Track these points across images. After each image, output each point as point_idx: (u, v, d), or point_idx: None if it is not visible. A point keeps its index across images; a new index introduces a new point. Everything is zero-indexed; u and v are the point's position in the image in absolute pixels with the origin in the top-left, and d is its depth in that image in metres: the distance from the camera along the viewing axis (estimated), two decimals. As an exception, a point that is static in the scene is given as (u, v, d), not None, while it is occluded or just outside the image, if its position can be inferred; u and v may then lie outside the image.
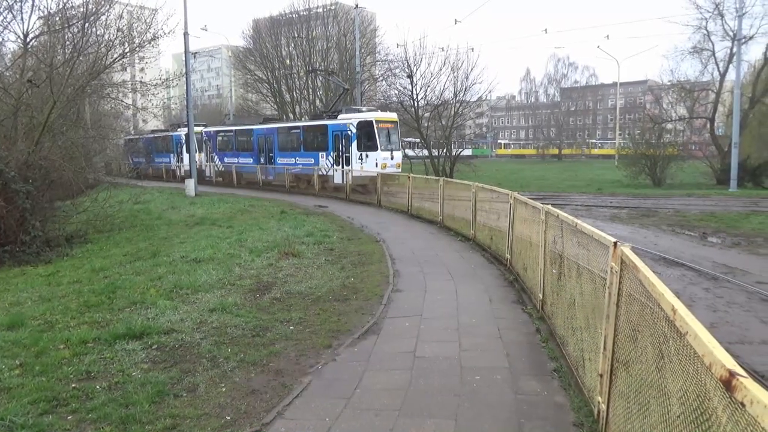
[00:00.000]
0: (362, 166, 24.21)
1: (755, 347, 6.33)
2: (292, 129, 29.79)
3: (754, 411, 1.62)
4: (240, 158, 32.89)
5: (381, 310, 7.64)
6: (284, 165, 28.91)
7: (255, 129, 31.81)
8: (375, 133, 24.46)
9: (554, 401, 4.86)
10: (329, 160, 26.05)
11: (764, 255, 11.08)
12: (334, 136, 25.74)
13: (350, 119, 25.08)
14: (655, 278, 3.15)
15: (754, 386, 1.69)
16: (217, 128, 36.44)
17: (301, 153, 28.12)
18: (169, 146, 41.58)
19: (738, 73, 28.66)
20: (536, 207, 7.51)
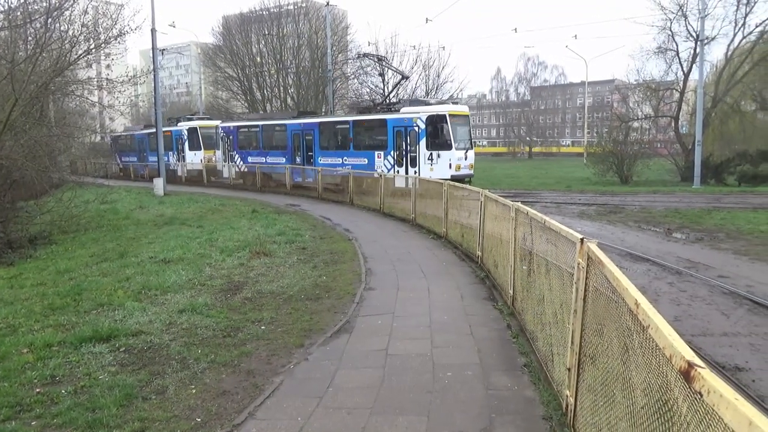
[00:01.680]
0: (432, 167, 21.04)
1: (716, 339, 6.52)
2: (338, 124, 25.60)
3: (711, 400, 1.68)
4: (269, 157, 28.17)
5: (353, 308, 7.63)
6: (327, 165, 24.72)
7: (289, 124, 27.20)
8: (448, 129, 21.09)
9: (524, 396, 4.93)
10: (388, 161, 22.55)
11: (725, 250, 11.42)
12: (396, 132, 22.26)
13: (418, 113, 21.55)
14: (619, 273, 3.22)
15: (711, 376, 1.75)
16: (239, 123, 31.39)
17: (350, 152, 24.17)
18: (167, 143, 35.97)
19: (701, 73, 29.45)
20: (506, 204, 7.60)
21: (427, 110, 21.71)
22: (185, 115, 39.55)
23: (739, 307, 7.63)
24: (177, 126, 35.53)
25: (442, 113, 21.29)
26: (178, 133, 34.99)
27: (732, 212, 16.48)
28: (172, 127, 36.01)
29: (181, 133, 34.58)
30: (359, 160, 23.66)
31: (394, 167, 22.24)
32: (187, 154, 34.14)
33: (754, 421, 1.40)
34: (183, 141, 34.40)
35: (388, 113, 23.37)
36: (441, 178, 19.86)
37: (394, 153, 22.37)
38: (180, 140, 34.84)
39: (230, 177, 30.43)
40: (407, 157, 21.90)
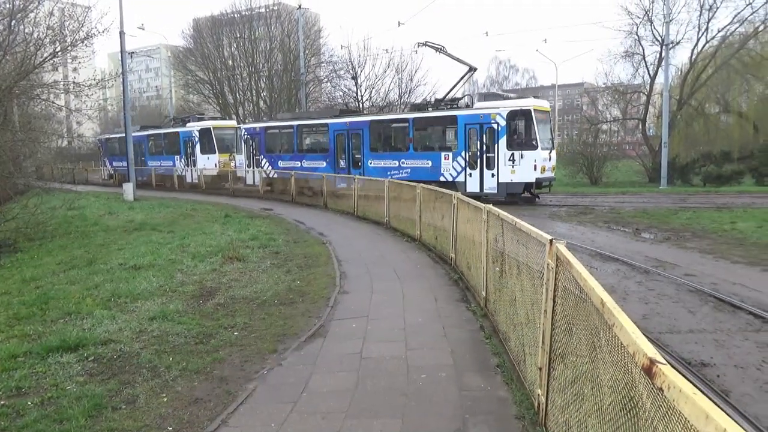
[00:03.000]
0: (513, 169, 18.99)
1: (683, 336, 6.68)
2: (394, 122, 23.08)
3: (671, 396, 1.73)
4: (305, 161, 25.23)
5: (328, 312, 7.62)
6: (378, 169, 22.33)
7: (332, 123, 24.28)
8: (534, 127, 18.97)
9: (497, 396, 4.98)
10: (458, 163, 20.32)
11: (691, 249, 11.72)
12: (468, 130, 20.00)
13: (497, 107, 19.37)
14: (586, 273, 3.29)
15: (672, 372, 1.80)
16: (267, 123, 28.47)
17: (410, 153, 21.84)
18: (173, 145, 32.83)
19: (666, 77, 30.20)
20: (478, 207, 7.67)
21: (507, 105, 19.60)
22: (194, 114, 35.97)
23: (704, 305, 7.83)
24: (185, 126, 31.59)
25: (527, 108, 19.17)
26: (187, 134, 31.16)
27: (697, 212, 16.92)
28: (179, 127, 32.23)
29: (191, 135, 30.82)
30: (421, 162, 21.42)
31: (465, 170, 20.10)
32: (199, 158, 30.38)
33: (710, 414, 1.45)
34: (193, 143, 30.60)
35: (457, 110, 20.87)
36: (524, 181, 19.14)
37: (465, 154, 20.11)
38: (189, 142, 30.99)
39: (260, 185, 26.37)
40: (482, 159, 19.71)
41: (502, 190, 19.44)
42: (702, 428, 1.47)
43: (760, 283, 8.83)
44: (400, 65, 41.50)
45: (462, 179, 20.24)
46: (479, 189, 19.79)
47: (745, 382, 5.41)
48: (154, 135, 35.46)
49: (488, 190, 19.65)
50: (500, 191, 19.45)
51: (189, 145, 31.11)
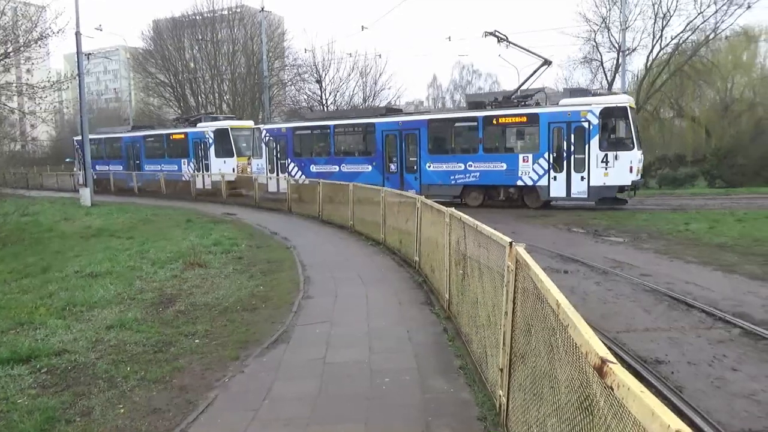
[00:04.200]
0: (606, 171, 17.57)
1: (640, 334, 6.86)
2: (460, 121, 21.04)
3: (620, 394, 1.78)
4: (345, 165, 22.78)
5: (291, 317, 7.55)
6: (440, 173, 20.58)
7: (380, 123, 22.11)
8: (630, 125, 17.66)
9: (460, 398, 5.02)
10: (540, 165, 18.66)
11: (647, 249, 12.07)
12: (553, 129, 18.44)
13: (588, 104, 17.83)
14: (543, 275, 3.35)
15: (621, 371, 1.85)
16: (296, 123, 25.67)
17: (479, 155, 19.86)
18: (178, 148, 29.59)
19: (623, 82, 31.06)
20: (441, 210, 7.73)
21: (601, 101, 18.08)
22: (204, 114, 32.98)
23: (659, 304, 8.06)
24: (196, 127, 28.76)
25: (623, 104, 17.78)
26: (198, 136, 28.21)
27: (653, 213, 17.44)
28: (188, 128, 29.33)
29: (204, 137, 27.92)
30: (493, 165, 19.54)
31: (549, 172, 18.52)
32: (213, 162, 27.46)
33: (655, 411, 1.49)
34: (207, 146, 27.75)
35: (537, 107, 19.34)
36: (619, 184, 17.69)
37: (549, 155, 18.45)
38: (201, 145, 28.06)
39: (282, 190, 22.78)
40: (569, 160, 18.13)
41: (594, 194, 18.09)
42: (648, 425, 1.51)
43: (712, 282, 9.15)
44: (364, 69, 41.62)
45: (544, 183, 18.70)
46: (565, 193, 18.47)
47: (697, 378, 5.59)
48: (153, 136, 32.07)
49: (576, 195, 18.36)
50: (591, 195, 18.15)
51: (200, 147, 28.16)
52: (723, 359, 5.98)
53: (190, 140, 28.69)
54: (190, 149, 28.76)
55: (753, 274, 9.58)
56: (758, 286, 8.83)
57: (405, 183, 21.25)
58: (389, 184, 20.97)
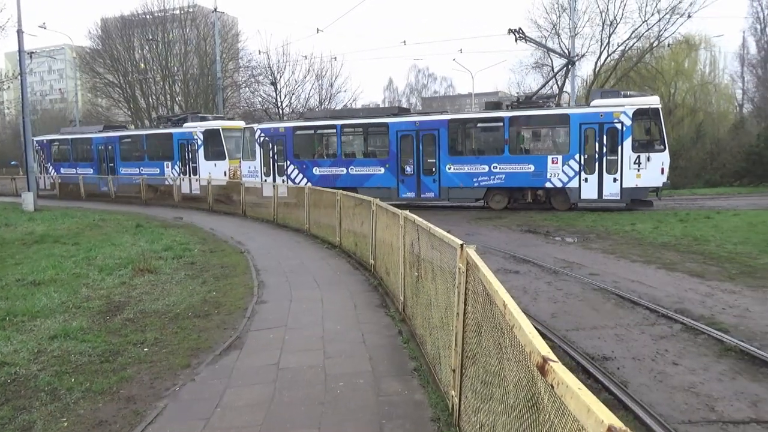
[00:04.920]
0: (639, 173, 17.60)
1: (588, 332, 7.07)
2: (483, 121, 20.48)
3: (560, 391, 1.83)
4: (354, 167, 21.69)
5: (244, 323, 7.44)
6: (464, 175, 19.90)
7: (393, 123, 21.05)
8: (662, 126, 17.76)
9: (414, 399, 5.05)
10: (570, 167, 18.46)
11: (596, 249, 12.45)
12: (584, 131, 18.29)
13: (622, 105, 17.76)
14: (492, 277, 3.41)
15: (561, 369, 1.90)
16: (296, 123, 23.99)
17: (504, 157, 19.35)
18: (161, 150, 27.40)
19: (573, 87, 31.97)
20: (396, 213, 7.78)
21: (634, 102, 17.95)
22: (190, 113, 30.56)
23: (607, 302, 8.33)
24: (183, 127, 26.60)
25: (655, 106, 17.76)
26: (185, 136, 26.21)
27: (601, 214, 18.00)
28: (174, 128, 27.15)
29: (191, 137, 26.00)
30: (520, 167, 19.05)
31: (580, 174, 18.29)
32: (202, 165, 25.49)
33: (591, 408, 1.54)
34: (196, 147, 25.82)
35: (568, 107, 19.21)
36: (651, 186, 17.82)
37: (580, 157, 18.23)
38: (189, 146, 26.10)
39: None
40: (601, 162, 18.07)
41: (627, 195, 18.08)
42: (584, 421, 1.56)
43: (655, 280, 9.52)
44: (320, 72, 41.45)
45: (575, 185, 18.45)
46: (597, 195, 18.36)
47: (641, 373, 5.80)
48: (130, 137, 29.85)
49: (609, 197, 18.26)
50: (624, 197, 18.12)
51: (187, 149, 26.13)
52: (665, 354, 6.23)
53: (176, 141, 26.59)
54: (175, 151, 26.63)
55: (693, 271, 10.02)
56: (697, 283, 9.24)
57: (422, 185, 20.59)
58: (404, 187, 20.75)
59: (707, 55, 41.54)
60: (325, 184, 20.83)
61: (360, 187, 20.88)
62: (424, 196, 20.60)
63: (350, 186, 20.85)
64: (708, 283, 9.17)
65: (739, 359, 6.00)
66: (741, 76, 42.35)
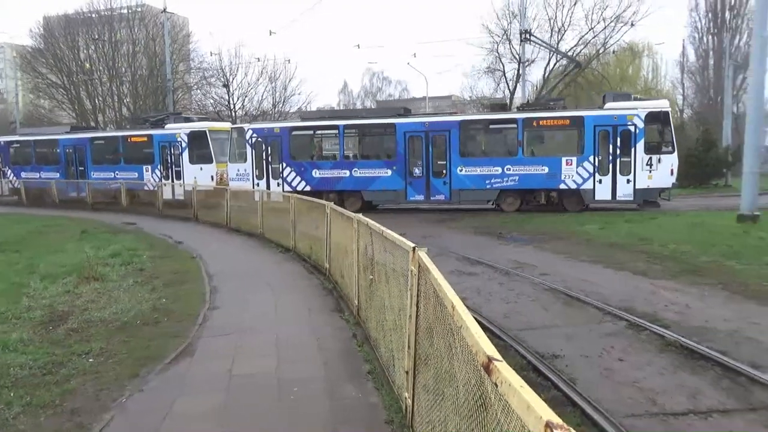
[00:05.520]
0: (651, 174, 18.14)
1: (539, 331, 7.25)
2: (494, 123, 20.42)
3: (503, 390, 1.87)
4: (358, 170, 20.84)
5: (196, 330, 7.28)
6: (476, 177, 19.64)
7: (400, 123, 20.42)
8: (671, 129, 18.49)
9: (368, 402, 5.06)
10: (584, 168, 18.79)
11: (546, 250, 12.78)
12: (599, 133, 18.70)
13: (633, 109, 18.32)
14: (442, 279, 3.46)
15: (505, 368, 1.95)
16: (293, 123, 22.79)
17: (518, 159, 19.36)
18: (140, 152, 25.60)
19: (524, 92, 32.79)
20: (350, 216, 7.78)
21: (646, 105, 18.67)
22: (172, 114, 28.83)
23: (557, 302, 8.56)
24: (165, 129, 25.01)
25: (666, 109, 18.68)
26: (167, 138, 24.57)
27: (553, 216, 18.48)
28: (154, 130, 25.40)
29: (173, 139, 24.42)
30: (533, 168, 19.14)
31: (594, 176, 18.65)
32: (187, 170, 23.96)
33: (531, 405, 1.59)
34: (180, 150, 24.27)
35: (582, 109, 19.66)
36: (661, 187, 18.40)
37: (594, 158, 18.61)
38: (171, 149, 24.54)
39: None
40: (614, 164, 18.56)
41: (639, 196, 18.60)
42: (525, 418, 1.61)
43: (603, 279, 9.85)
44: (273, 74, 41.06)
45: (589, 186, 18.80)
46: (611, 196, 18.75)
47: (589, 369, 5.98)
48: (103, 139, 27.73)
49: (623, 197, 18.72)
50: (637, 198, 18.66)
51: (169, 152, 24.57)
52: (611, 351, 6.44)
53: (156, 144, 24.90)
54: (155, 154, 24.93)
55: (638, 270, 10.40)
56: (642, 281, 9.60)
57: (432, 188, 20.26)
58: (413, 190, 20.30)
59: (650, 62, 43.39)
60: (325, 188, 20.82)
61: (365, 190, 20.75)
62: (433, 199, 20.36)
63: (353, 189, 20.81)
64: (652, 281, 9.54)
65: (679, 354, 6.26)
66: (681, 82, 44.38)
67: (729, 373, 5.69)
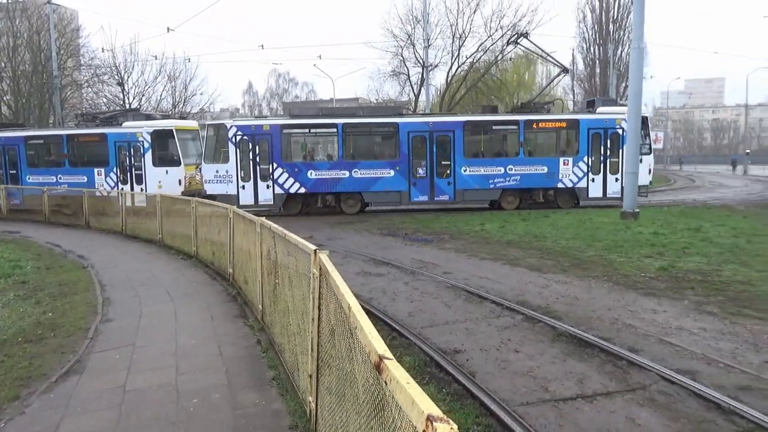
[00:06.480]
0: None
1: (441, 328, 7.47)
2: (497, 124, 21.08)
3: (392, 387, 1.92)
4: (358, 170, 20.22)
5: (86, 344, 6.82)
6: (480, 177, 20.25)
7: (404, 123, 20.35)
8: (649, 132, 20.60)
9: (272, 409, 4.98)
10: (580, 168, 20.19)
11: (449, 249, 13.21)
12: (592, 135, 20.12)
13: (622, 114, 19.62)
14: (341, 281, 3.48)
15: (394, 366, 2.00)
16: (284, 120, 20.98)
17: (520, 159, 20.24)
18: (91, 154, 22.89)
19: (427, 95, 33.71)
20: (252, 220, 7.62)
21: (622, 111, 19.92)
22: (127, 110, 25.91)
23: (458, 298, 8.86)
24: (122, 127, 22.28)
25: (646, 115, 20.22)
26: (125, 138, 21.94)
27: (455, 216, 19.13)
28: (108, 128, 22.52)
29: (136, 140, 21.81)
30: (534, 168, 20.20)
31: (588, 175, 20.18)
32: (150, 173, 21.66)
33: (415, 400, 1.64)
34: (141, 151, 21.80)
35: (578, 113, 21.17)
36: (642, 184, 19.10)
37: (588, 159, 20.06)
38: (131, 150, 21.94)
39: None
40: (606, 163, 20.12)
41: None
42: (409, 412, 1.66)
43: (501, 275, 10.33)
44: (172, 73, 39.31)
45: (583, 185, 20.10)
46: (602, 194, 20.27)
47: (488, 362, 6.25)
48: (42, 138, 23.94)
49: (612, 194, 20.29)
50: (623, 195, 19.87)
51: (127, 153, 22.01)
52: (508, 343, 6.78)
53: (111, 144, 22.07)
54: (110, 155, 22.12)
55: (532, 265, 11.02)
56: (536, 276, 10.18)
57: (436, 188, 20.31)
58: (416, 190, 20.21)
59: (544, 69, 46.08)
60: (323, 189, 20.27)
61: (366, 192, 20.36)
62: (438, 199, 20.45)
63: (354, 190, 20.29)
64: (545, 276, 10.14)
65: (569, 343, 6.70)
66: (572, 89, 47.49)
67: (611, 358, 6.18)
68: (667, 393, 5.29)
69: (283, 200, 20.24)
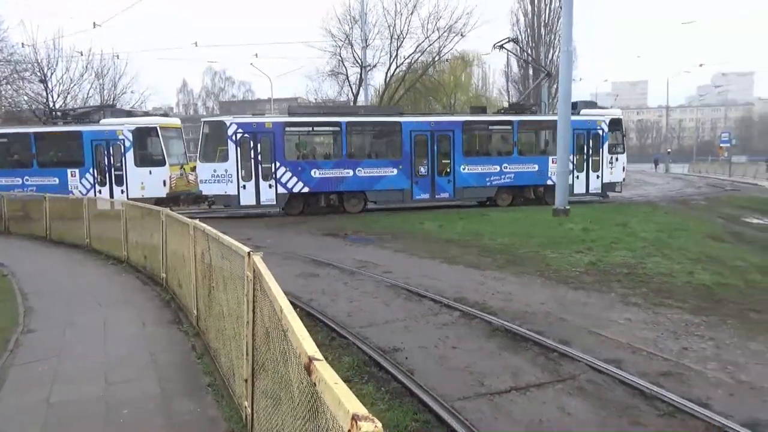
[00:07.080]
0: (612, 171, 22.09)
1: (381, 327, 7.50)
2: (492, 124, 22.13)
3: (320, 387, 1.92)
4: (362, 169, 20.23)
5: (6, 358, 6.42)
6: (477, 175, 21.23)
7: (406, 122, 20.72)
8: (624, 134, 23.08)
9: (207, 416, 4.86)
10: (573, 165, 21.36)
11: (389, 248, 13.29)
12: (577, 135, 21.33)
13: (602, 116, 22.14)
14: (273, 284, 3.44)
15: (323, 367, 2.00)
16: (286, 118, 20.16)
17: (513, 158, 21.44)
18: (64, 153, 21.20)
19: (366, 95, 33.74)
20: (185, 222, 7.41)
21: (608, 113, 22.58)
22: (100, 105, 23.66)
23: (398, 297, 8.93)
24: (100, 124, 20.97)
25: (621, 117, 22.64)
26: (103, 136, 20.62)
27: (395, 216, 19.27)
28: (84, 126, 21.13)
29: (116, 138, 20.52)
30: (526, 167, 21.37)
31: (573, 172, 21.19)
32: (131, 174, 20.45)
33: (341, 400, 1.65)
34: (122, 150, 20.49)
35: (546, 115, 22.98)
36: (618, 181, 22.24)
37: (574, 157, 21.02)
38: (110, 149, 20.63)
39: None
40: (588, 161, 21.91)
41: (604, 189, 22.23)
42: (336, 412, 1.66)
43: (439, 273, 10.49)
44: (100, 70, 37.58)
45: (570, 182, 20.47)
46: (585, 190, 22.02)
47: (426, 359, 6.32)
48: (7, 136, 22.04)
49: (593, 191, 22.18)
50: (603, 191, 22.23)
51: (106, 152, 20.65)
52: (446, 340, 6.89)
53: (87, 142, 20.65)
54: (86, 155, 20.65)
55: (470, 263, 11.25)
56: (474, 273, 10.40)
57: (437, 186, 20.77)
58: (418, 189, 20.59)
59: (479, 71, 47.22)
60: (326, 188, 20.04)
61: (369, 190, 20.41)
62: (438, 197, 20.93)
63: (357, 189, 20.26)
64: (482, 273, 10.38)
65: (504, 337, 6.89)
66: (507, 90, 48.72)
67: (544, 350, 6.39)
68: (595, 382, 5.53)
69: (286, 200, 19.83)
